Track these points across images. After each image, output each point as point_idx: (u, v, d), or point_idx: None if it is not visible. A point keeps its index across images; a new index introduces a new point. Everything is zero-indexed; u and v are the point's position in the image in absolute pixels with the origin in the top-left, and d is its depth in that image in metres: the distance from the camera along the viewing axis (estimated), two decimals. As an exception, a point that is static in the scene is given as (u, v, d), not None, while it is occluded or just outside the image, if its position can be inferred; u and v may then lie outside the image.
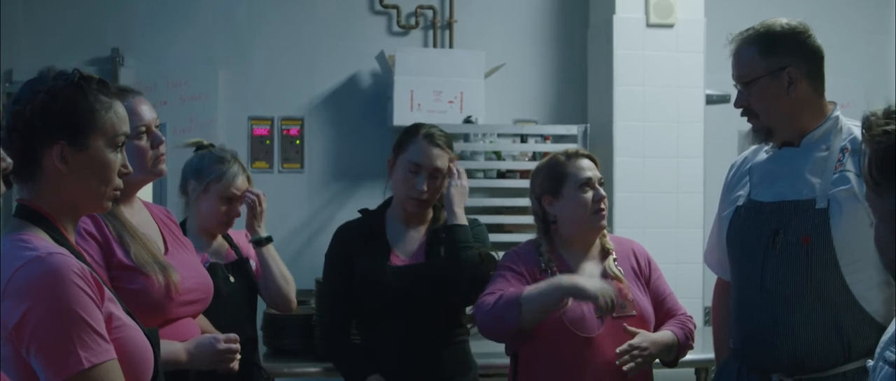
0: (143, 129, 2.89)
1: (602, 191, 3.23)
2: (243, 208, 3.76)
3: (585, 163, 3.25)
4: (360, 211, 3.63)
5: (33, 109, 2.02)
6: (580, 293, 3.00)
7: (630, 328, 3.11)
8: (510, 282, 3.18)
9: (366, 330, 3.53)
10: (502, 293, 3.10)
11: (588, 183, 3.21)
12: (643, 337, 3.11)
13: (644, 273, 3.29)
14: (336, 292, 3.52)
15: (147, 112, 2.92)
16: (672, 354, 3.22)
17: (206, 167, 3.68)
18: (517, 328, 3.08)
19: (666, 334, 3.19)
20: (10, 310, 1.87)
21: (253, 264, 3.82)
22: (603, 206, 3.22)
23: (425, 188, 3.40)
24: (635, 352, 3.07)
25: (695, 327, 3.32)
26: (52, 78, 2.07)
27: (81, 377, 1.87)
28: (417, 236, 3.50)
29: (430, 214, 3.53)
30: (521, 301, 3.03)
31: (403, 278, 3.40)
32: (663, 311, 3.28)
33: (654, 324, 3.23)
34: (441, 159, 3.42)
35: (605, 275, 3.20)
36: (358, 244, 3.48)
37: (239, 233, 3.99)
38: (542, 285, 3.07)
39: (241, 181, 3.71)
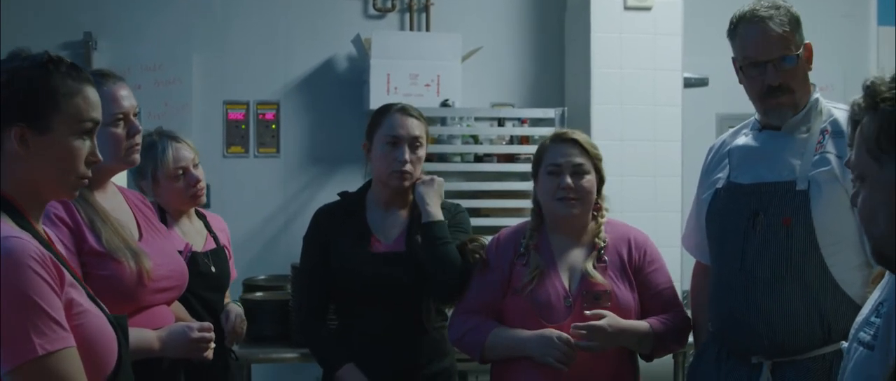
0: (120, 116, 2.84)
1: (567, 179, 3.12)
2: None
3: (562, 148, 3.18)
4: (339, 194, 3.57)
5: None
6: (537, 358, 3.03)
7: (595, 312, 3.02)
8: (482, 293, 3.22)
9: (343, 315, 3.50)
10: (472, 325, 3.19)
11: (556, 168, 3.16)
12: (609, 320, 3.00)
13: (635, 264, 3.16)
14: (312, 276, 3.46)
15: (125, 100, 2.86)
16: (646, 346, 3.10)
17: (141, 163, 3.66)
18: (480, 361, 3.23)
19: (639, 323, 3.08)
20: None
21: (227, 252, 3.81)
22: (569, 194, 3.12)
23: (407, 158, 3.33)
24: (587, 333, 2.98)
25: (684, 325, 3.17)
26: (21, 59, 2.02)
27: (36, 364, 1.84)
28: (398, 220, 3.44)
29: (411, 196, 3.45)
30: (484, 349, 3.15)
31: (383, 265, 3.35)
32: (657, 304, 3.15)
33: (642, 317, 3.12)
34: (418, 128, 3.37)
35: (584, 276, 3.14)
36: (336, 228, 3.42)
37: (217, 218, 3.98)
38: (508, 337, 3.11)
39: (181, 152, 3.68)
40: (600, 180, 3.22)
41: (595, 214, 3.22)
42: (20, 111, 1.98)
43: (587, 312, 3.02)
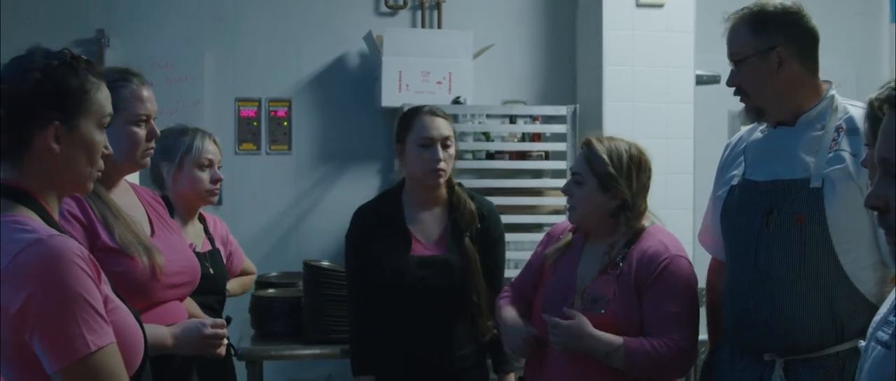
0: (144, 117, 2.86)
1: (567, 185, 3.18)
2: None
3: (578, 153, 3.23)
4: (380, 195, 3.73)
5: (29, 89, 1.97)
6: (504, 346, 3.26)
7: (570, 311, 3.01)
8: (524, 276, 3.37)
9: (387, 312, 3.55)
10: (496, 303, 3.36)
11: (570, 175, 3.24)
12: (575, 321, 2.96)
13: (641, 281, 3.03)
14: (363, 280, 3.57)
15: (149, 102, 2.89)
16: (615, 361, 2.96)
17: (173, 145, 3.67)
18: None
19: (612, 337, 2.96)
20: (11, 295, 1.83)
21: (222, 252, 3.81)
22: (567, 202, 3.20)
23: (441, 157, 3.46)
24: (550, 327, 3.00)
25: (670, 354, 2.97)
26: (43, 56, 2.02)
27: (87, 361, 1.84)
28: (436, 220, 3.56)
29: (445, 194, 3.58)
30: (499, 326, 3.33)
31: (425, 268, 3.47)
32: (654, 328, 3.00)
33: (644, 335, 3.02)
34: (447, 128, 3.51)
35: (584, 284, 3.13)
36: (376, 229, 3.54)
37: (213, 218, 3.97)
38: (500, 318, 3.28)
39: (211, 146, 3.70)
40: (618, 194, 3.11)
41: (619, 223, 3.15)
42: (55, 110, 1.99)
43: (565, 310, 3.02)
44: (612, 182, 3.09)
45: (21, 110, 1.97)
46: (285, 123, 5.42)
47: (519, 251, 4.80)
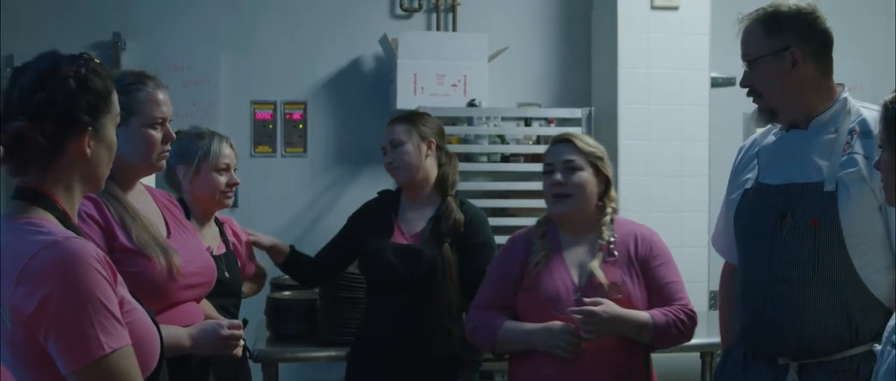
0: (161, 120, 2.88)
1: (557, 176, 3.24)
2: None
3: (556, 148, 3.32)
4: (379, 193, 3.95)
5: (65, 98, 1.98)
6: (544, 350, 3.13)
7: (593, 300, 3.09)
8: (496, 289, 3.32)
9: (371, 294, 3.83)
10: (485, 319, 3.29)
11: (549, 167, 3.29)
12: (604, 307, 3.08)
13: (641, 259, 3.25)
14: (337, 240, 3.94)
15: (165, 105, 2.91)
16: (646, 336, 3.16)
17: (190, 148, 3.67)
18: (493, 353, 3.36)
19: (639, 313, 3.16)
20: (26, 296, 1.84)
21: (238, 254, 3.82)
22: (559, 190, 3.24)
23: (388, 158, 3.79)
24: (582, 317, 3.06)
25: (688, 318, 3.21)
26: (69, 63, 2.02)
27: (102, 363, 1.85)
28: (421, 216, 3.78)
29: (438, 198, 3.79)
30: (496, 342, 3.26)
31: (401, 255, 3.68)
32: (661, 298, 3.23)
33: (649, 309, 3.20)
34: (397, 132, 3.77)
35: (592, 272, 3.19)
36: (371, 219, 3.82)
37: (228, 220, 3.98)
38: (518, 331, 3.21)
39: (228, 150, 3.71)
40: (604, 179, 3.31)
41: (603, 211, 3.30)
42: (90, 116, 2.01)
43: (585, 300, 3.09)
44: (602, 163, 3.30)
45: (59, 120, 1.98)
46: (301, 126, 5.44)
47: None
